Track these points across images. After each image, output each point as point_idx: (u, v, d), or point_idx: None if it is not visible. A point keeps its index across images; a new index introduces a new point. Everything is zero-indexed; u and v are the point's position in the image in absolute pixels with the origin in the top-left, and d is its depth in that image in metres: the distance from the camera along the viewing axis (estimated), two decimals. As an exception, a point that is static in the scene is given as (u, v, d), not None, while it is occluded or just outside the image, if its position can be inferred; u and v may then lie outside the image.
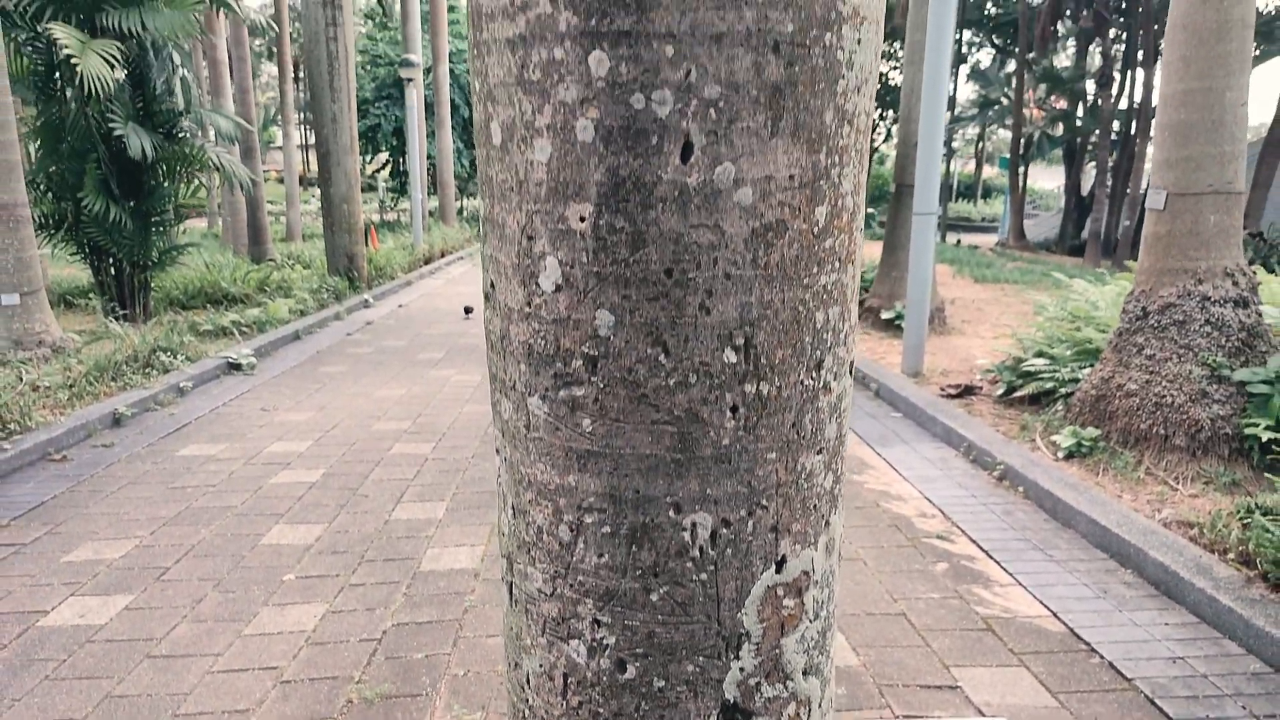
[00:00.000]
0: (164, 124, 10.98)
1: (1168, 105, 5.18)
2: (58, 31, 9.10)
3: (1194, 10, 4.96)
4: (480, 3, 1.25)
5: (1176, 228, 5.21)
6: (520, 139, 1.22)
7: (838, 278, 1.31)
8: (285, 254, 17.29)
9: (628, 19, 1.10)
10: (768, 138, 1.16)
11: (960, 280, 15.41)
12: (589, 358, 1.24)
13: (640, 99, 1.13)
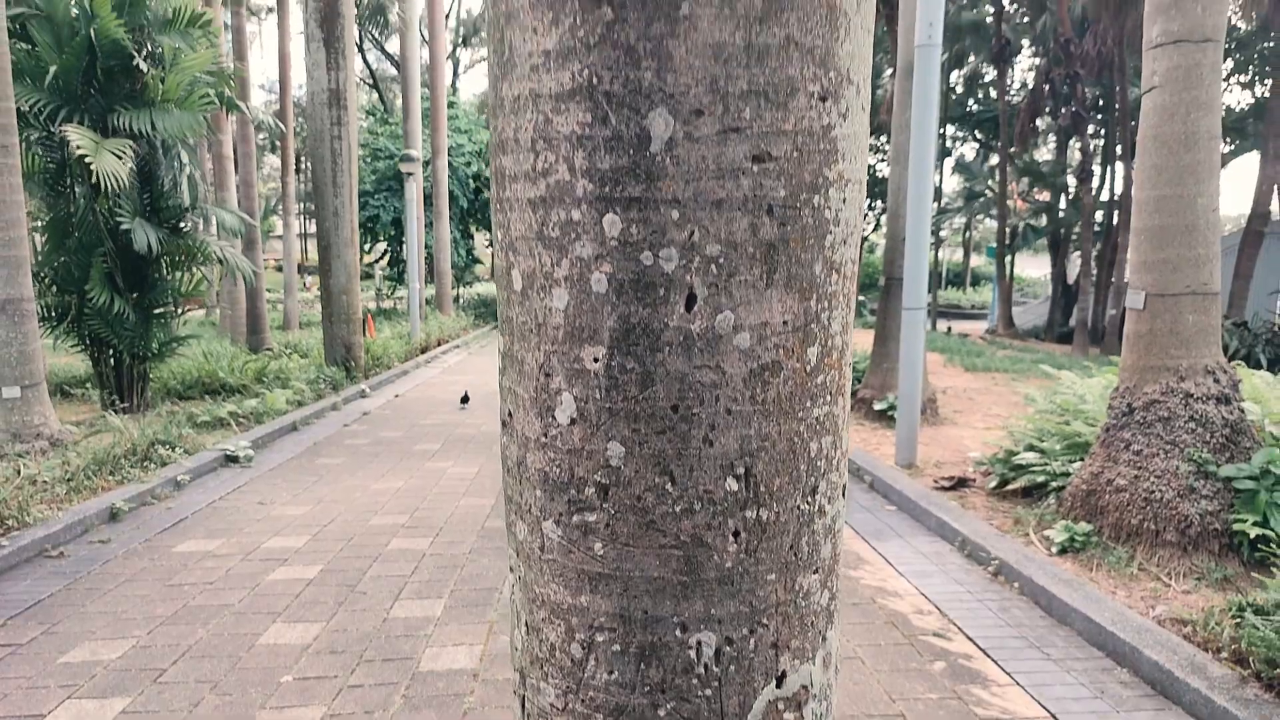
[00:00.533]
0: (170, 219, 11.25)
1: (1142, 210, 5.42)
2: (72, 134, 9.41)
3: (1163, 123, 5.24)
4: (504, 165, 1.39)
5: (1157, 327, 5.39)
6: (540, 287, 1.35)
7: (829, 410, 1.42)
8: (283, 343, 17.45)
9: (638, 187, 1.24)
10: (763, 288, 1.29)
11: (951, 369, 15.60)
12: (601, 486, 1.34)
13: (649, 256, 1.26)
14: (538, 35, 1.27)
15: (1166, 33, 5.15)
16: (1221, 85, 5.27)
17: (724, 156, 1.24)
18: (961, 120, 33.74)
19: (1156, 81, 5.23)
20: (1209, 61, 5.08)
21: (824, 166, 1.31)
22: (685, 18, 1.19)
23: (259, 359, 13.57)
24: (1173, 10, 5.09)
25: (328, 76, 13.27)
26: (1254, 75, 26.15)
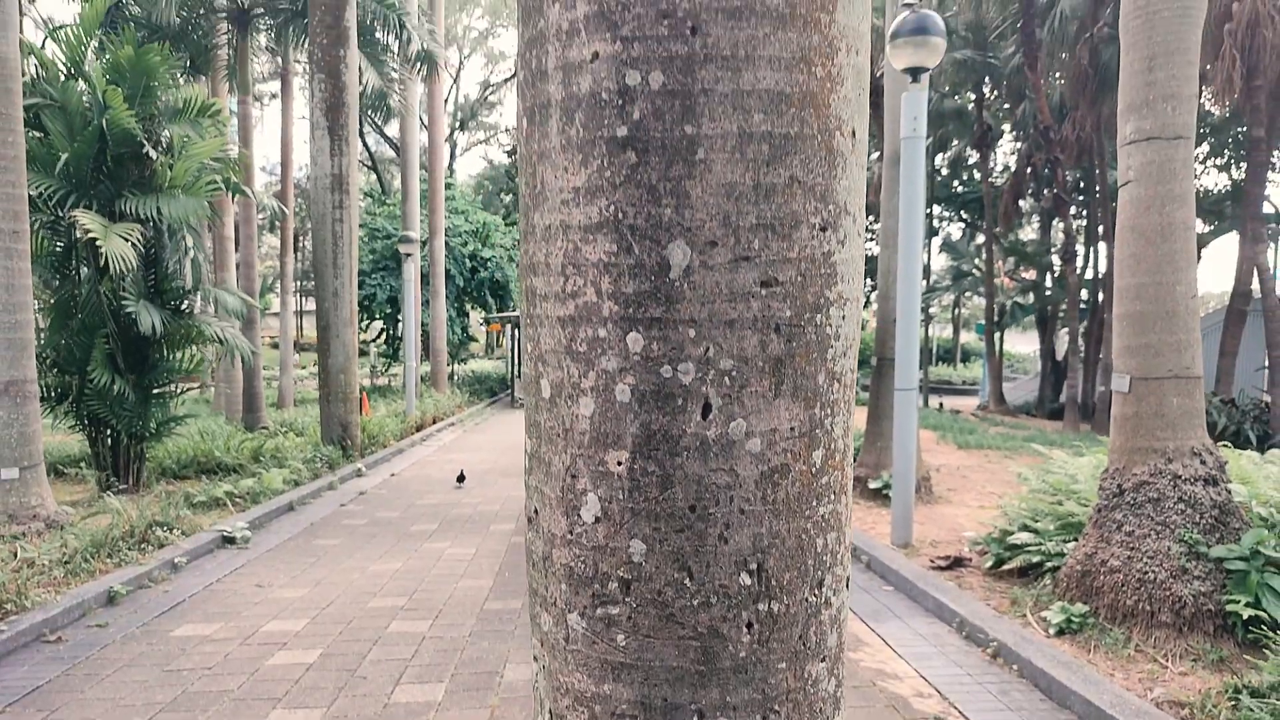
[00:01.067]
0: (173, 300, 11.42)
1: (1124, 297, 5.62)
2: (83, 218, 9.64)
3: (1139, 215, 5.48)
4: (535, 285, 1.53)
5: (1142, 409, 5.53)
6: (567, 396, 1.47)
7: (833, 508, 1.53)
8: (278, 421, 17.49)
9: (658, 309, 1.38)
10: (772, 398, 1.42)
11: (944, 446, 15.70)
12: (624, 581, 1.45)
13: (669, 369, 1.39)
14: (568, 174, 1.42)
15: (1139, 130, 5.43)
16: (1193, 177, 5.52)
17: (736, 282, 1.38)
18: (948, 201, 34.54)
19: (1131, 176, 5.49)
20: (1180, 157, 5.35)
21: (825, 288, 1.45)
22: (701, 161, 1.35)
23: (255, 438, 13.60)
24: (1144, 110, 5.37)
25: (331, 162, 13.64)
26: (1229, 159, 27.00)
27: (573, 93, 1.40)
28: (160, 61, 10.95)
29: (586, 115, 1.39)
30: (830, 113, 1.41)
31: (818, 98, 1.39)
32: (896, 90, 10.50)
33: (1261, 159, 17.40)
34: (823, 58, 1.39)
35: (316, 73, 13.66)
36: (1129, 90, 5.49)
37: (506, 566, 7.82)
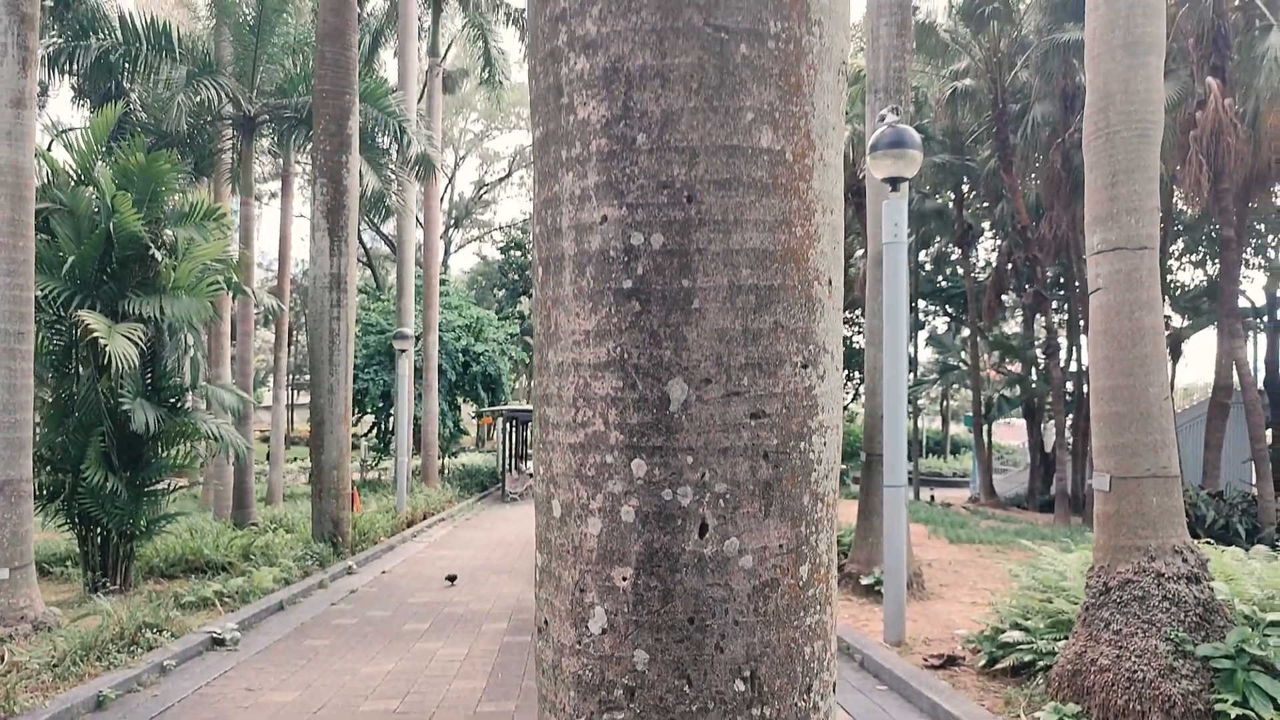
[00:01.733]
0: (170, 398, 11.54)
1: (1099, 399, 5.83)
2: (88, 318, 9.83)
3: (1110, 320, 5.74)
4: (548, 414, 1.70)
5: (1123, 508, 5.68)
6: (577, 516, 1.63)
7: (819, 617, 1.67)
8: (268, 518, 17.38)
9: (660, 438, 1.55)
10: (762, 519, 1.58)
11: (936, 540, 15.70)
12: (628, 688, 1.58)
13: (669, 493, 1.55)
14: (580, 318, 1.62)
15: (1106, 241, 5.74)
16: (1160, 282, 5.81)
17: (728, 414, 1.56)
18: (932, 295, 35.24)
19: (1101, 283, 5.77)
20: (1146, 266, 5.64)
21: (808, 418, 1.63)
22: (696, 309, 1.54)
23: (245, 535, 13.53)
24: (1109, 222, 5.69)
25: (330, 262, 13.98)
26: (1204, 255, 27.81)
27: (584, 249, 1.60)
28: (168, 168, 11.33)
29: (596, 269, 1.58)
30: (809, 266, 1.62)
31: (798, 254, 1.60)
32: (879, 194, 10.94)
33: (1233, 258, 17.98)
34: (801, 219, 1.61)
35: (319, 177, 14.12)
36: (1094, 204, 5.83)
37: (499, 667, 7.77)
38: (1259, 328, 26.81)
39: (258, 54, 17.13)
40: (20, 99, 8.76)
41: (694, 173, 1.54)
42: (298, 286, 40.29)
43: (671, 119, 1.53)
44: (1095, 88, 5.80)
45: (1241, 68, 17.03)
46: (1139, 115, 5.58)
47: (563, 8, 1.62)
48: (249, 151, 18.12)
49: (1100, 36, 5.74)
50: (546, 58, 1.67)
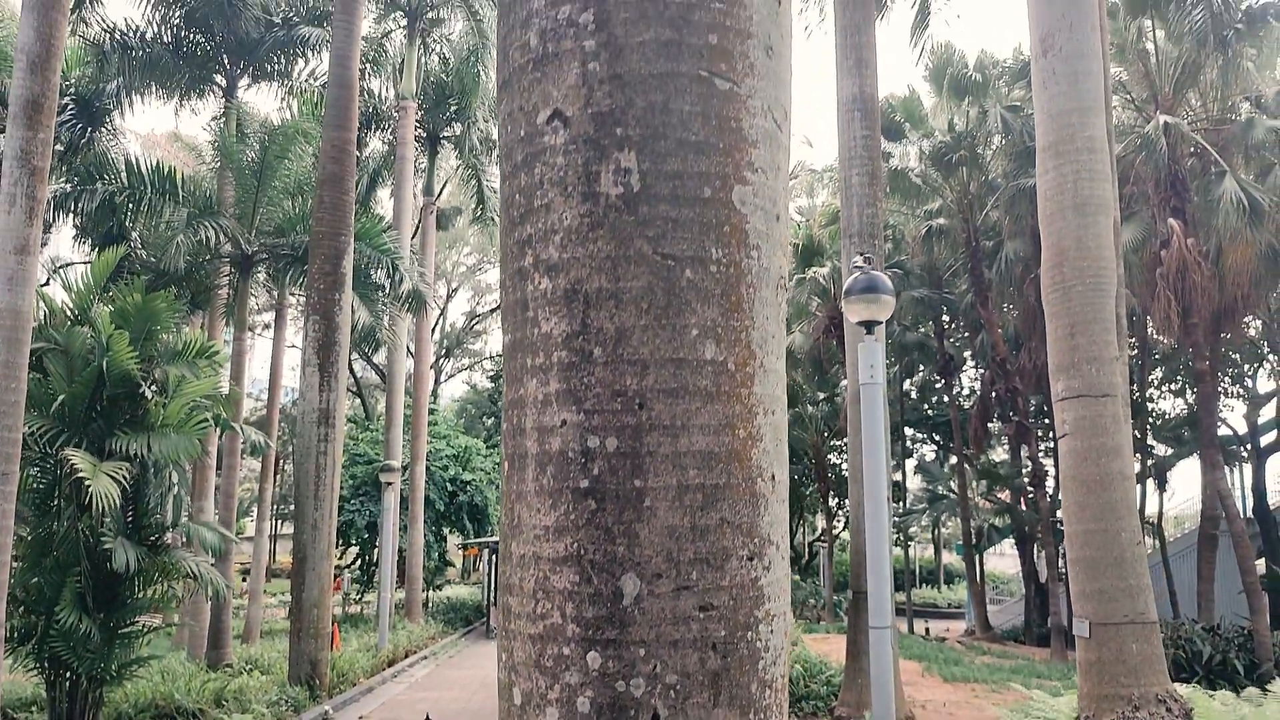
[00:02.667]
0: (151, 536, 11.43)
1: (1073, 543, 5.91)
2: (74, 457, 9.86)
3: (1079, 465, 5.89)
4: (510, 603, 1.80)
5: (1104, 655, 5.67)
6: (535, 705, 1.71)
7: (771, 804, 1.73)
8: (244, 658, 16.87)
9: (614, 631, 1.65)
10: (712, 708, 1.66)
11: (929, 679, 15.33)
12: None
13: (622, 684, 1.64)
14: (540, 514, 1.74)
15: (1069, 388, 5.95)
16: (1126, 430, 5.98)
17: (678, 608, 1.66)
18: (918, 424, 35.50)
19: (1068, 429, 5.95)
20: (1110, 413, 5.84)
21: (754, 609, 1.73)
22: (648, 508, 1.67)
23: (218, 678, 13.13)
24: (1071, 370, 5.93)
25: (319, 397, 14.12)
26: (1182, 384, 28.27)
27: (545, 450, 1.74)
28: (164, 307, 11.61)
29: (556, 468, 1.72)
30: (752, 464, 1.76)
31: (741, 454, 1.74)
32: (856, 334, 11.25)
33: (1208, 390, 18.34)
34: (744, 422, 1.76)
35: (312, 314, 14.44)
36: (1056, 352, 6.07)
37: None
38: (1243, 457, 27.02)
39: (259, 196, 17.79)
40: (25, 246, 9.08)
41: (645, 382, 1.70)
42: (286, 415, 40.31)
43: (625, 335, 1.70)
44: (1050, 244, 6.14)
45: (1201, 209, 17.84)
46: (1092, 270, 5.90)
47: (529, 233, 1.81)
48: (245, 288, 18.56)
49: (1051, 198, 6.13)
50: (515, 274, 1.85)
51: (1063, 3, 5.96)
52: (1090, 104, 6.00)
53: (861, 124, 11.27)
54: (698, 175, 1.74)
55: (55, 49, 9.46)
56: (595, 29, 1.75)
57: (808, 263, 24.88)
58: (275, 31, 19.90)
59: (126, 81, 19.52)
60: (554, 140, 1.78)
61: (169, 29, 19.84)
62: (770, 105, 1.84)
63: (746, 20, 1.81)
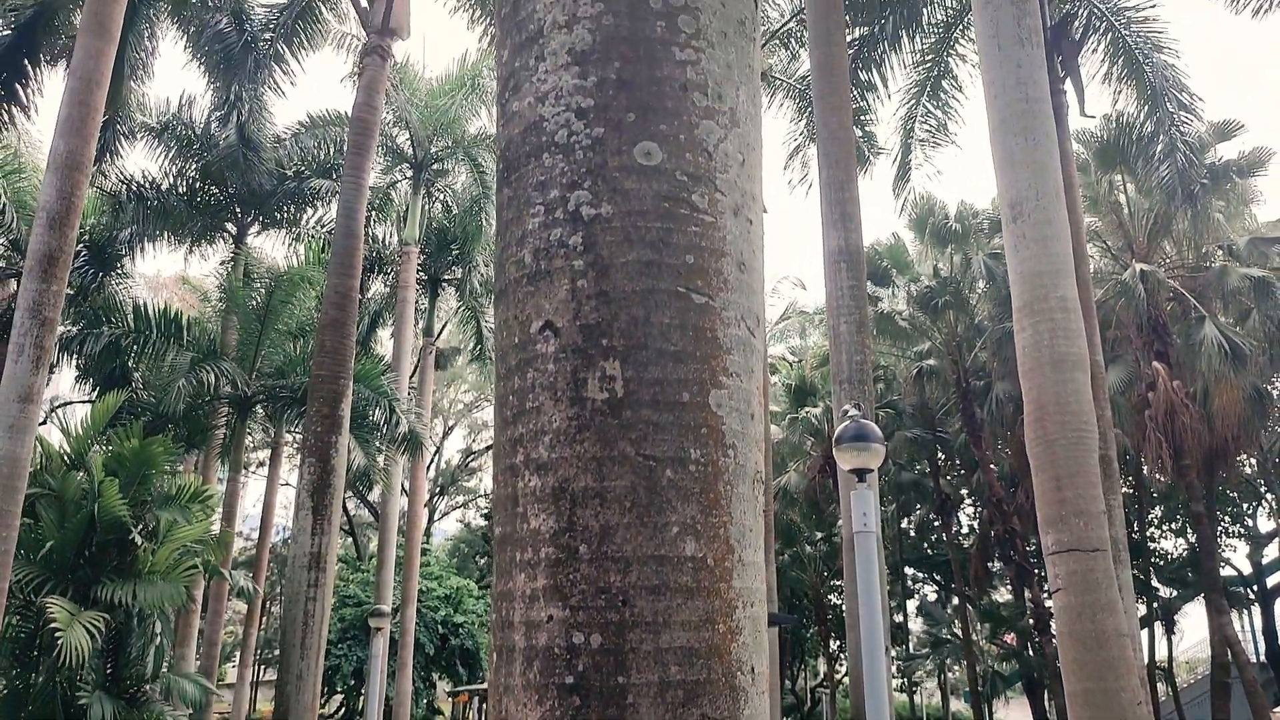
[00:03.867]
0: (130, 688, 11.10)
1: (1074, 702, 5.80)
2: (53, 606, 9.70)
3: (1074, 622, 5.85)
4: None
5: (1113, 824, 5.47)
6: None
7: None
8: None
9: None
10: None
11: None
12: None
13: None
14: (527, 709, 1.80)
15: (1059, 542, 5.99)
16: (1126, 580, 5.98)
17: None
18: (919, 563, 34.92)
19: (1060, 584, 5.94)
20: (1101, 568, 5.85)
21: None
22: (630, 704, 1.73)
23: None
24: (1060, 524, 5.98)
25: (311, 541, 13.96)
26: (1182, 524, 28.04)
27: (532, 645, 1.81)
28: (160, 452, 11.68)
29: (542, 664, 1.79)
30: (732, 659, 1.82)
31: (721, 649, 1.81)
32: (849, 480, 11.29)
33: (1206, 533, 18.23)
34: (724, 616, 1.84)
35: (308, 457, 14.47)
36: (1044, 505, 6.14)
37: None
38: (1250, 599, 26.52)
39: (261, 339, 18.14)
40: (29, 394, 9.23)
41: (628, 579, 1.78)
42: (276, 555, 39.58)
43: (609, 533, 1.80)
44: (1031, 399, 6.32)
45: (1184, 352, 18.23)
46: (1073, 425, 6.04)
47: (521, 433, 1.94)
48: (242, 429, 18.67)
49: (1029, 354, 6.35)
50: (507, 470, 1.97)
51: (1028, 175, 6.36)
52: (1060, 266, 6.31)
53: (848, 275, 11.68)
54: (677, 382, 1.89)
55: (75, 206, 9.90)
56: (584, 250, 1.94)
57: (801, 403, 25.15)
58: (287, 184, 20.80)
59: (140, 229, 20.23)
60: (545, 349, 1.93)
61: (185, 181, 20.74)
62: (743, 315, 2.01)
63: (720, 240, 2.00)
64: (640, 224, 1.94)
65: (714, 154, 2.03)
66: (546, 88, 2.04)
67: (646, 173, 1.96)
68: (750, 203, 2.09)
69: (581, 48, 2.02)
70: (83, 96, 10.02)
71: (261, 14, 17.49)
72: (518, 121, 2.10)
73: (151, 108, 20.48)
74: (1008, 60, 6.53)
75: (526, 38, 2.11)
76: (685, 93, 2.02)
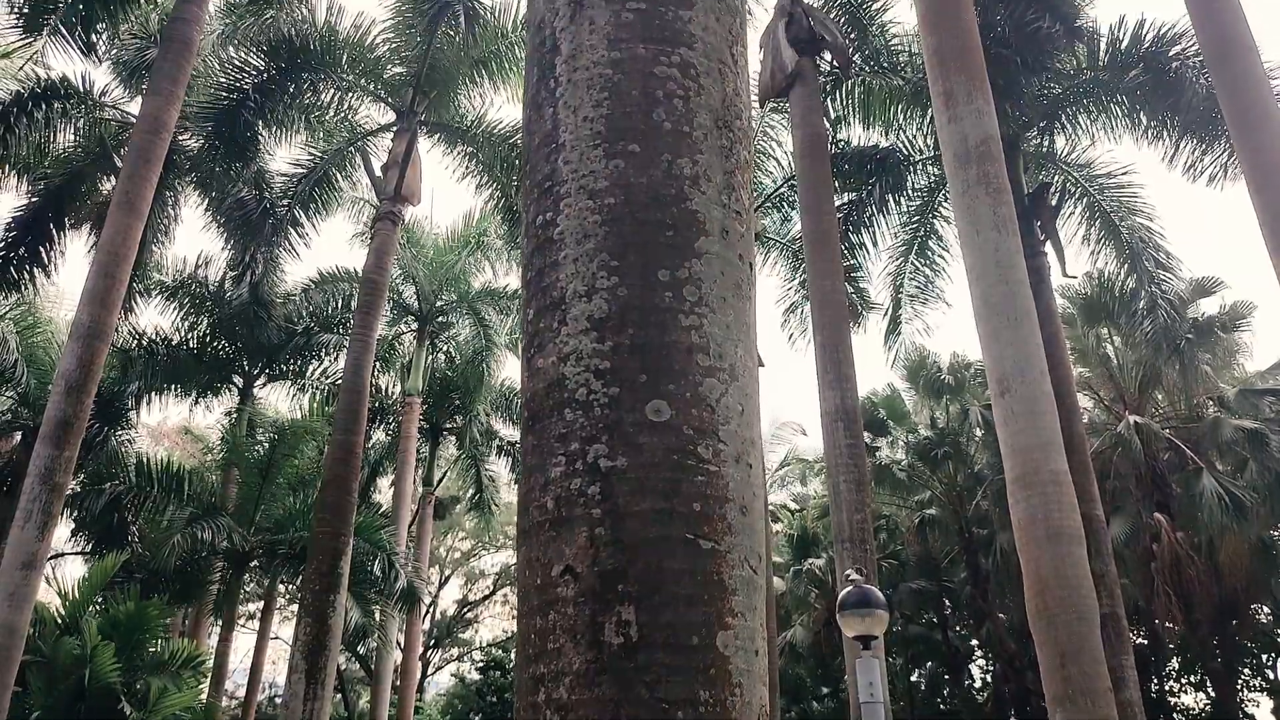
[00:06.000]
0: None
1: None
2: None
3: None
4: None
5: None
6: None
7: None
8: None
9: None
10: None
11: None
12: None
13: None
14: None
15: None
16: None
17: None
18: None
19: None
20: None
21: None
22: None
23: None
24: (1067, 703, 5.93)
25: (304, 707, 13.57)
26: (1201, 676, 27.15)
27: None
28: (155, 615, 11.58)
29: None
30: None
31: None
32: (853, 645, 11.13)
33: (1226, 690, 17.73)
34: None
35: (304, 616, 14.25)
36: (1050, 683, 6.11)
37: None
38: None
39: (262, 493, 18.15)
40: (32, 562, 9.24)
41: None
42: (263, 714, 38.01)
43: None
44: (1030, 572, 6.39)
45: (1185, 503, 18.24)
46: (1072, 600, 6.10)
47: (543, 672, 2.08)
48: (237, 585, 18.42)
49: (1025, 528, 6.47)
50: (529, 707, 2.09)
51: (1012, 353, 6.67)
52: (1049, 440, 6.52)
53: (845, 433, 11.90)
54: (687, 625, 2.05)
55: (93, 373, 10.21)
56: (602, 499, 2.14)
57: (804, 553, 24.90)
58: (296, 338, 21.33)
59: (147, 383, 20.60)
60: (566, 592, 2.10)
61: (195, 336, 21.29)
62: (746, 555, 2.19)
63: (724, 488, 2.21)
64: (652, 475, 2.15)
65: (716, 408, 2.26)
66: (568, 349, 2.30)
67: (657, 428, 2.19)
68: (750, 449, 2.31)
69: (599, 315, 2.29)
70: (109, 269, 10.50)
71: (281, 182, 18.42)
72: (541, 377, 2.34)
73: (168, 266, 21.27)
74: (985, 246, 6.96)
75: (550, 302, 2.38)
76: (690, 354, 2.28)
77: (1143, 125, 14.65)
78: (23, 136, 15.21)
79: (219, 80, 16.01)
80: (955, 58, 7.67)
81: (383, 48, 16.75)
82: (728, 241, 2.45)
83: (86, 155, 17.18)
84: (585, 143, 2.46)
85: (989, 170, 7.20)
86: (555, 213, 2.45)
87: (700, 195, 2.44)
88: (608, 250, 2.35)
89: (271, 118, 16.44)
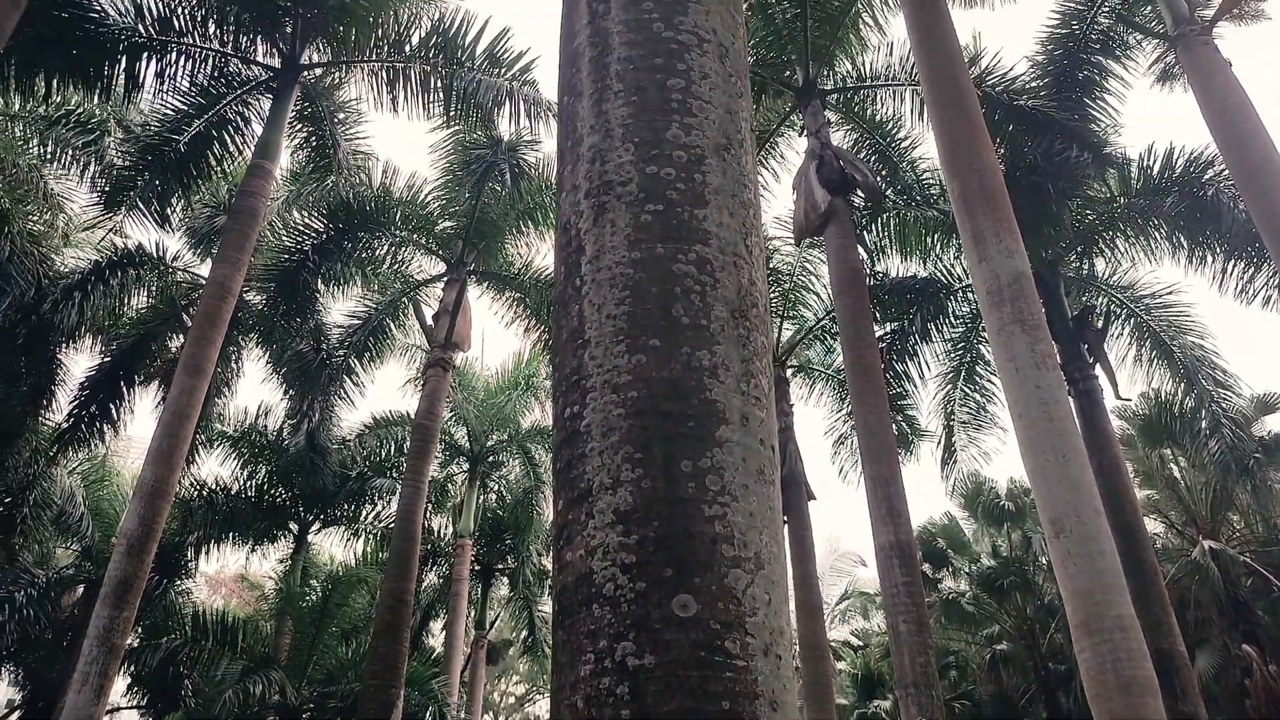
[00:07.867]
0: None
1: None
2: None
3: None
4: None
5: None
6: None
7: None
8: None
9: None
10: None
11: None
12: None
13: None
14: None
15: None
16: None
17: None
18: None
19: None
20: None
21: None
22: None
23: None
24: None
25: None
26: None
27: None
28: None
29: None
30: None
31: None
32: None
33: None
34: None
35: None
36: None
37: None
38: None
39: (315, 643, 18.05)
40: (85, 726, 9.24)
41: None
42: None
43: None
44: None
45: (1275, 632, 17.18)
46: (1153, 759, 5.73)
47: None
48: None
49: (1094, 677, 6.17)
50: None
51: (1063, 492, 6.52)
52: (1112, 582, 6.27)
53: (901, 570, 11.55)
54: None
55: (155, 531, 10.45)
56: (630, 699, 2.15)
57: (869, 695, 23.73)
58: (350, 484, 21.65)
59: (207, 533, 20.93)
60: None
61: (254, 485, 21.73)
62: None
63: (752, 683, 2.20)
64: (680, 673, 2.16)
65: (742, 599, 2.29)
66: (595, 543, 2.36)
67: (684, 624, 2.21)
68: (778, 639, 2.31)
69: (624, 508, 2.36)
70: (174, 429, 10.91)
71: (337, 333, 19.15)
72: (570, 571, 2.40)
73: (230, 417, 21.96)
74: (1026, 383, 6.92)
75: (578, 494, 2.46)
76: (715, 545, 2.32)
77: (1185, 248, 14.64)
78: (99, 303, 16.14)
79: (282, 243, 16.95)
80: (980, 199, 7.85)
81: (434, 204, 17.65)
82: (748, 428, 2.53)
83: (157, 315, 18.13)
84: (609, 339, 2.59)
85: (1022, 308, 7.23)
86: (582, 406, 2.56)
87: (719, 385, 2.53)
88: (631, 443, 2.44)
89: (329, 275, 17.25)
